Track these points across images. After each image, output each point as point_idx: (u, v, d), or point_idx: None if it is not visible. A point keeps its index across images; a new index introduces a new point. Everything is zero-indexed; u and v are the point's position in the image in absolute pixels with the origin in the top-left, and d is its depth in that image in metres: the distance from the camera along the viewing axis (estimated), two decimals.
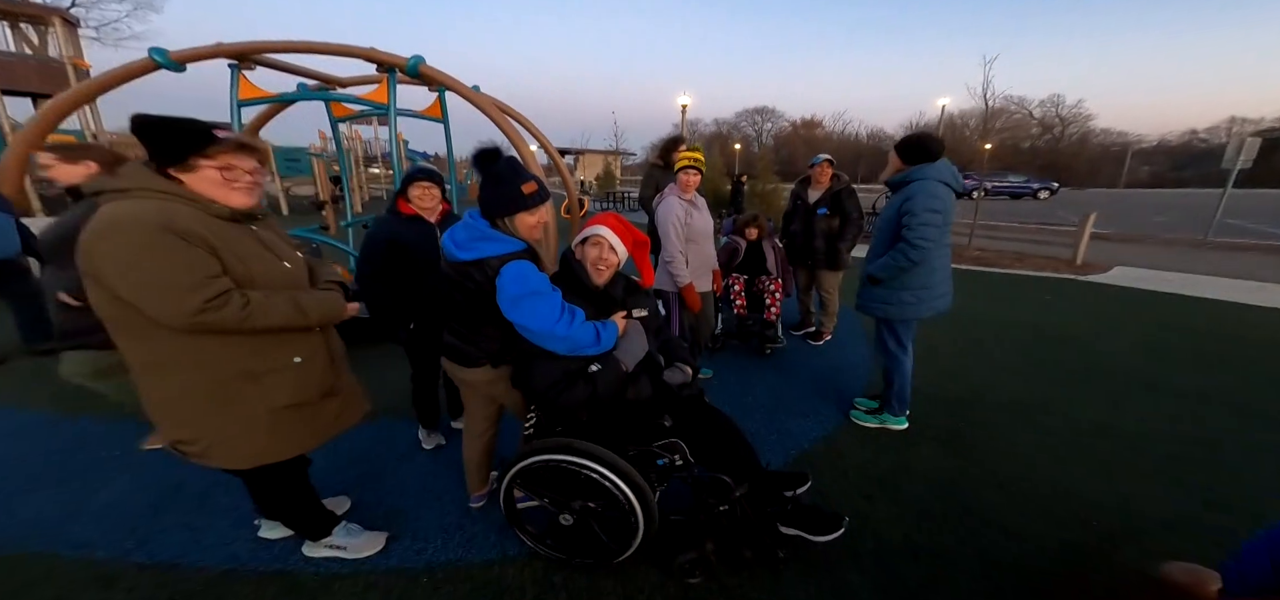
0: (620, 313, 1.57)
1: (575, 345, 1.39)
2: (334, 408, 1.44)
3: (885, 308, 2.30)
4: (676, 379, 1.65)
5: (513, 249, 1.35)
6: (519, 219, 1.37)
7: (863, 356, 3.57)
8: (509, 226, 1.38)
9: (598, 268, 1.54)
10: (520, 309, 1.34)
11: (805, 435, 2.53)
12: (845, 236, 3.46)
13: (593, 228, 1.56)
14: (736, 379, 3.17)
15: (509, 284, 1.32)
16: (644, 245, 1.67)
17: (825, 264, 3.58)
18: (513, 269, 1.33)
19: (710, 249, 2.78)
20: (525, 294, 1.33)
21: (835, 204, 3.44)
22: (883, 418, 2.55)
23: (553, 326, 1.34)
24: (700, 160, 2.59)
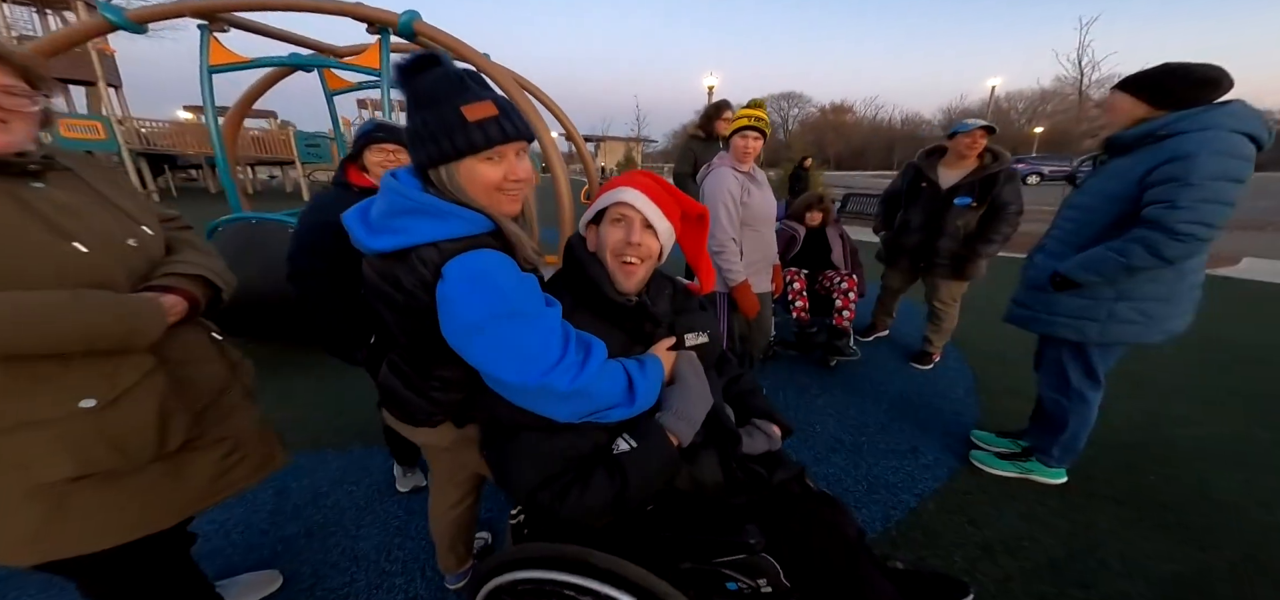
0: (666, 342, 0.96)
1: (590, 405, 0.79)
2: (205, 466, 0.91)
3: (1080, 326, 1.54)
4: (759, 446, 1.03)
5: (466, 230, 0.75)
6: (467, 170, 0.76)
7: (960, 373, 2.83)
8: (455, 187, 0.77)
9: (626, 262, 0.91)
10: (484, 343, 0.73)
11: (907, 486, 1.86)
12: (992, 237, 2.46)
13: (615, 191, 0.94)
14: (795, 401, 2.50)
15: (461, 295, 0.72)
16: (701, 220, 1.06)
17: (949, 269, 2.61)
18: (467, 266, 0.73)
19: (771, 238, 2.13)
20: (493, 315, 0.72)
21: (985, 191, 2.42)
22: (1030, 466, 1.84)
23: (547, 374, 0.74)
24: (763, 119, 1.93)
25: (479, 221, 0.76)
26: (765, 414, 1.09)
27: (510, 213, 0.81)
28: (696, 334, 1.02)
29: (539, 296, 0.78)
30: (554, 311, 0.79)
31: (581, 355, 0.77)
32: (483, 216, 0.77)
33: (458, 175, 0.76)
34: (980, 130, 2.38)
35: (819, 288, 2.94)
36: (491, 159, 0.76)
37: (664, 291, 1.02)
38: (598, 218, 0.95)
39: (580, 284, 0.93)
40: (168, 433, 0.83)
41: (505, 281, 0.74)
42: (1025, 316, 1.69)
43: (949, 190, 2.50)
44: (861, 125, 63.36)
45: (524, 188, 0.81)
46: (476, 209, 0.77)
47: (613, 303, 0.90)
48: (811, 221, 3.01)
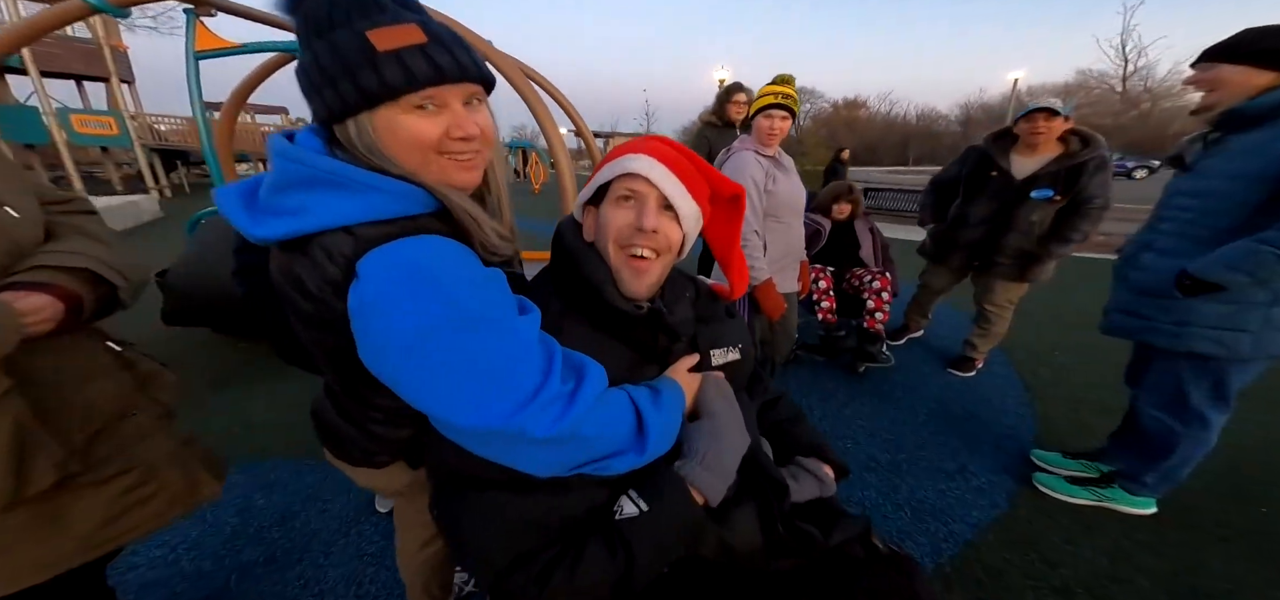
0: (687, 361, 0.73)
1: (583, 453, 0.56)
2: (96, 506, 0.72)
3: (1226, 338, 1.24)
4: (807, 493, 0.79)
5: (393, 209, 0.53)
6: (387, 124, 0.53)
7: (1007, 380, 2.56)
8: (371, 149, 0.53)
9: (635, 255, 0.67)
10: (420, 369, 0.49)
11: (959, 513, 1.61)
12: (1070, 236, 2.09)
13: (622, 158, 0.69)
14: (820, 411, 2.25)
15: (385, 300, 0.49)
16: (735, 203, 0.80)
17: (1012, 270, 2.25)
18: (395, 259, 0.50)
19: (799, 230, 1.89)
20: (433, 326, 0.48)
21: (1070, 183, 2.04)
22: (1111, 494, 1.58)
23: (519, 412, 0.50)
24: (791, 96, 1.69)
25: (413, 196, 0.53)
26: (814, 449, 0.86)
27: (462, 185, 0.58)
28: (726, 349, 0.78)
29: (507, 300, 0.55)
30: (529, 321, 0.56)
31: (570, 384, 0.54)
32: (419, 190, 0.54)
33: (373, 131, 0.52)
34: (1049, 114, 2.00)
35: (846, 287, 2.68)
36: (424, 108, 0.53)
37: (683, 294, 0.78)
38: (598, 195, 0.71)
39: (572, 284, 0.69)
40: (29, 471, 0.63)
41: (455, 278, 0.51)
42: (1140, 327, 1.39)
43: (1025, 181, 2.10)
44: (875, 121, 62.17)
45: (481, 150, 0.58)
46: (407, 179, 0.53)
47: (616, 310, 0.66)
48: (838, 214, 2.76)
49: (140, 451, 0.77)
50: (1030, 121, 2.05)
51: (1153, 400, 1.45)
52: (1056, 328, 3.37)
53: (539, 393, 0.51)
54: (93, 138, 10.43)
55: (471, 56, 0.55)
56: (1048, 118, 2.01)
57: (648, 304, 0.70)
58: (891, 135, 58.80)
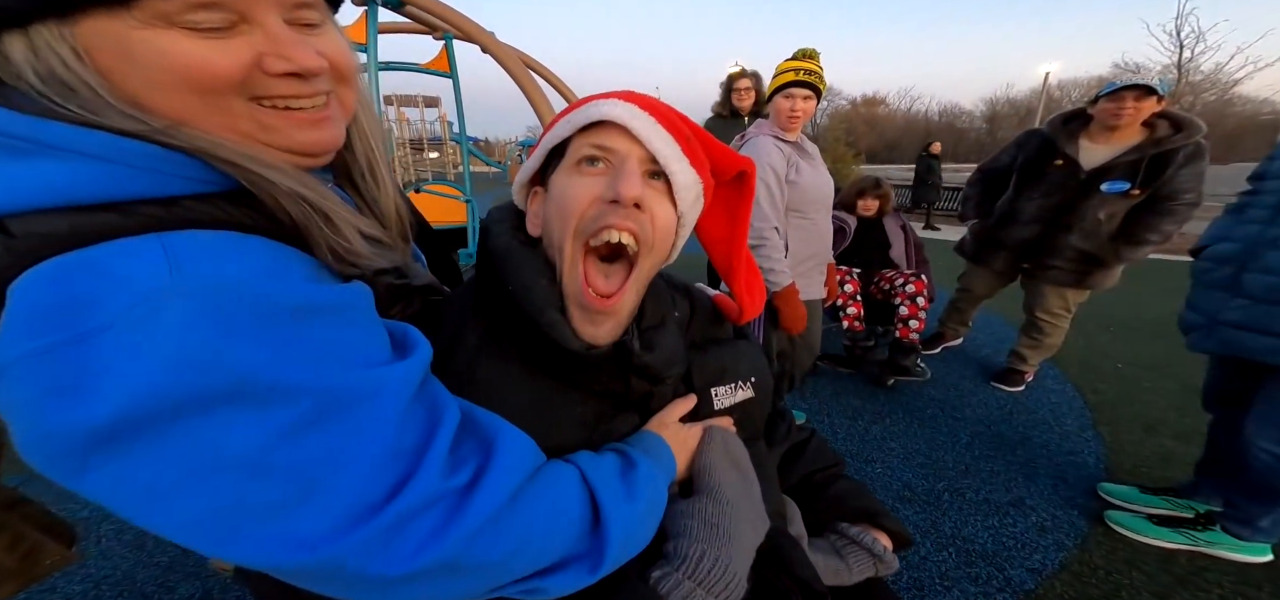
0: (680, 406, 0.53)
1: (483, 581, 0.34)
2: None
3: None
4: (858, 572, 0.59)
5: (112, 190, 0.28)
6: (107, 39, 0.28)
7: (1064, 397, 2.26)
8: (67, 89, 0.28)
9: (606, 245, 0.45)
10: (156, 472, 0.26)
11: (1016, 556, 1.37)
12: (1148, 237, 1.77)
13: (589, 105, 0.47)
14: (846, 430, 2.01)
15: (80, 355, 0.25)
16: (742, 183, 0.56)
17: (1071, 275, 1.93)
18: (105, 275, 0.26)
19: (827, 228, 1.67)
20: (178, 400, 0.25)
21: (1152, 174, 1.71)
22: (1212, 537, 1.31)
23: (342, 536, 0.28)
24: (815, 71, 1.47)
25: (166, 166, 0.30)
26: (864, 514, 0.64)
27: (306, 148, 0.37)
28: (734, 385, 0.58)
29: (363, 338, 0.34)
30: (400, 373, 0.34)
31: (464, 473, 0.34)
32: (181, 156, 0.30)
33: (81, 57, 0.29)
34: (1139, 92, 1.67)
35: (874, 290, 2.44)
36: (203, 30, 0.30)
37: (669, 314, 0.55)
38: (547, 164, 0.49)
39: (499, 308, 0.47)
40: None
41: (234, 301, 0.28)
42: (1265, 347, 1.12)
43: (1095, 172, 1.78)
44: (894, 117, 60.77)
45: (341, 97, 0.38)
46: (162, 142, 0.30)
47: (563, 352, 0.44)
48: (864, 211, 2.52)
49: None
50: (1116, 101, 1.71)
51: (1266, 433, 1.19)
52: (1111, 333, 3.05)
53: (395, 496, 0.30)
54: None
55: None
56: (1139, 97, 1.67)
57: (614, 347, 0.47)
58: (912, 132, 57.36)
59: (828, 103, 58.12)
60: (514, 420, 0.41)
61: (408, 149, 14.04)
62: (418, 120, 16.91)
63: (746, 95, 2.55)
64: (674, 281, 0.62)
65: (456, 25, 2.85)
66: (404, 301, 0.46)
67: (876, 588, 0.64)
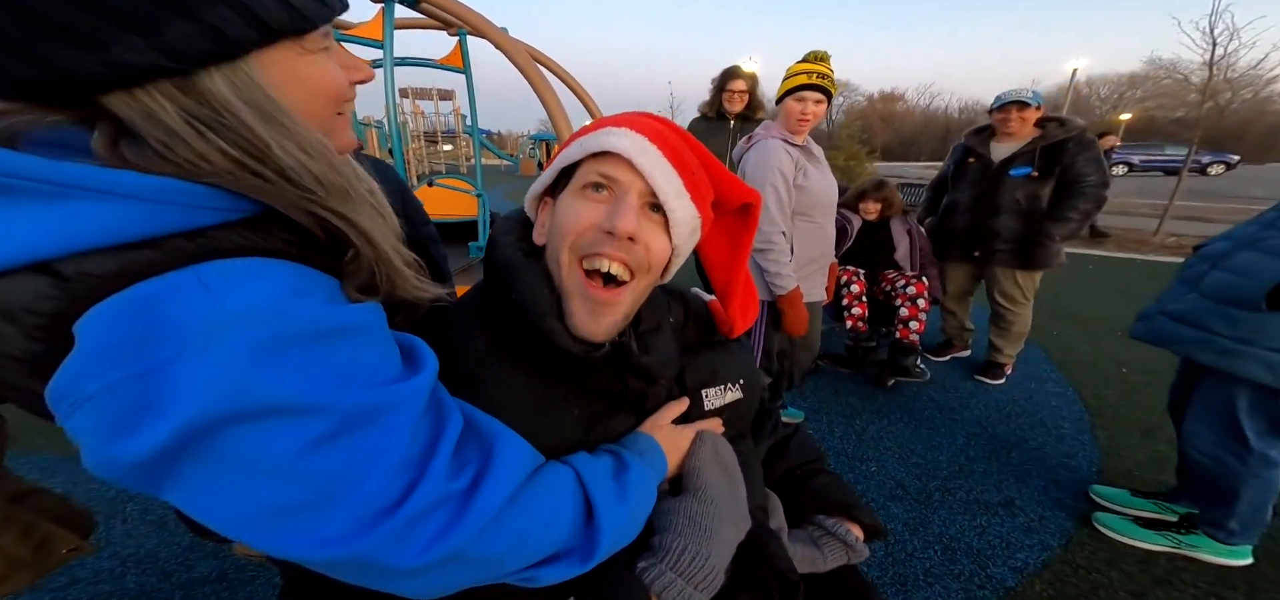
0: (673, 409, 0.58)
1: (484, 571, 0.39)
2: None
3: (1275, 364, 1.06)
4: (830, 560, 0.65)
5: (145, 227, 0.31)
6: (278, 69, 0.35)
7: (1064, 400, 2.28)
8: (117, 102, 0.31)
9: (596, 274, 0.49)
10: (211, 478, 0.31)
11: (1000, 554, 1.41)
12: (1067, 215, 2.07)
13: (599, 132, 0.50)
14: (842, 430, 2.05)
15: (143, 385, 0.29)
16: (746, 215, 0.61)
17: (1014, 256, 2.21)
18: (154, 308, 0.29)
19: (831, 231, 1.71)
20: (226, 414, 0.30)
21: (1049, 163, 2.08)
22: (1194, 540, 1.35)
23: (363, 534, 0.33)
24: (827, 75, 1.49)
25: (199, 199, 0.33)
26: (840, 507, 0.70)
27: (348, 147, 0.43)
28: (723, 386, 0.63)
29: (377, 359, 0.37)
30: (411, 389, 0.38)
31: (465, 478, 0.38)
32: (214, 192, 0.33)
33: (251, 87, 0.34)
34: (1018, 105, 2.12)
35: (877, 292, 2.46)
36: (311, 48, 0.37)
37: (664, 321, 0.60)
38: (558, 183, 0.53)
39: (504, 315, 0.51)
40: None
41: (264, 327, 0.32)
42: (1190, 339, 1.18)
43: (1003, 162, 2.19)
44: (913, 114, 59.38)
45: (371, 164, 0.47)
46: (200, 181, 0.33)
47: (563, 353, 0.49)
48: (868, 212, 2.53)
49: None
50: (1003, 113, 2.17)
51: (1202, 436, 1.25)
52: (1118, 338, 3.02)
53: (406, 499, 0.34)
54: None
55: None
56: (1020, 109, 2.12)
57: (611, 348, 0.51)
58: (930, 129, 56.06)
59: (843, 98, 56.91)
60: (518, 422, 0.45)
61: (422, 142, 14.16)
62: (432, 113, 17.03)
63: (739, 98, 2.42)
64: (670, 289, 0.66)
65: (469, 22, 2.91)
66: (408, 311, 0.49)
67: (849, 574, 0.70)
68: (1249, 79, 15.59)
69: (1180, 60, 13.72)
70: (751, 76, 2.47)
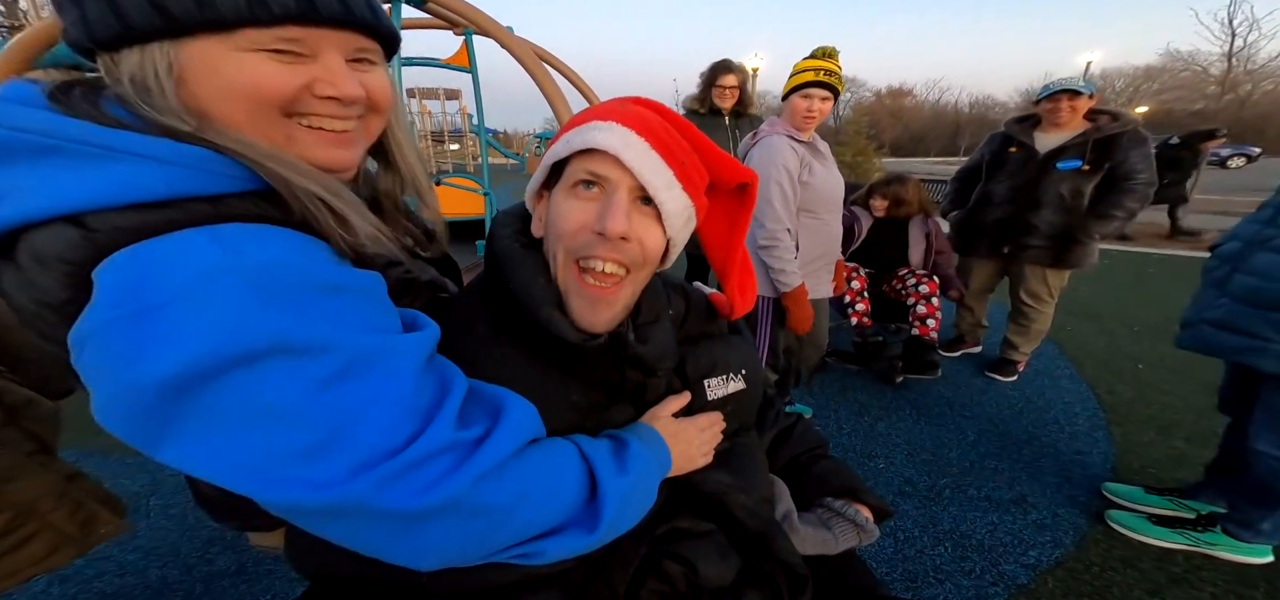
0: (675, 402, 0.58)
1: (491, 530, 0.39)
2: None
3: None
4: (842, 542, 0.65)
5: (167, 187, 0.34)
6: (203, 58, 0.36)
7: (1078, 397, 2.24)
8: (150, 92, 0.36)
9: (592, 270, 0.49)
10: (213, 427, 0.32)
11: (1012, 551, 1.40)
12: (1112, 214, 1.94)
13: (585, 127, 0.49)
14: (851, 426, 2.03)
15: (146, 326, 0.31)
16: (743, 194, 0.60)
17: (1046, 254, 2.08)
18: (170, 263, 0.32)
19: (837, 228, 1.69)
20: (230, 357, 0.31)
21: (1099, 156, 1.93)
22: (1212, 538, 1.32)
23: (358, 476, 0.34)
24: (834, 72, 1.48)
25: (214, 167, 0.36)
26: (846, 491, 0.70)
27: (327, 165, 0.43)
28: (725, 376, 0.62)
29: (376, 313, 0.40)
30: (409, 342, 0.40)
31: (475, 429, 0.39)
32: (227, 160, 0.37)
33: (174, 71, 0.36)
34: (1071, 94, 1.94)
35: (887, 288, 2.44)
36: (280, 53, 0.38)
37: (663, 313, 0.60)
38: (552, 176, 0.53)
39: (503, 303, 0.52)
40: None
41: (271, 278, 0.34)
42: (1241, 346, 1.14)
43: (1050, 153, 2.02)
44: (922, 109, 58.73)
45: (364, 121, 0.45)
46: (199, 141, 0.36)
47: (561, 342, 0.49)
48: (875, 211, 2.50)
49: (10, 491, 0.70)
50: (1053, 102, 2.00)
51: (1266, 438, 1.19)
52: (1134, 333, 2.97)
53: (412, 442, 0.35)
54: None
55: (371, 2, 0.41)
56: (1072, 98, 1.96)
57: (610, 338, 0.51)
58: (940, 124, 55.45)
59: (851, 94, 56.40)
60: None
61: (429, 141, 14.26)
62: (439, 113, 17.14)
63: (730, 94, 2.37)
64: (670, 281, 0.66)
65: (475, 22, 2.93)
66: (412, 294, 0.52)
67: (854, 569, 0.70)
68: (1270, 71, 14.91)
69: (1198, 52, 13.27)
70: (742, 71, 2.42)
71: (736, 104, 2.42)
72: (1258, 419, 1.19)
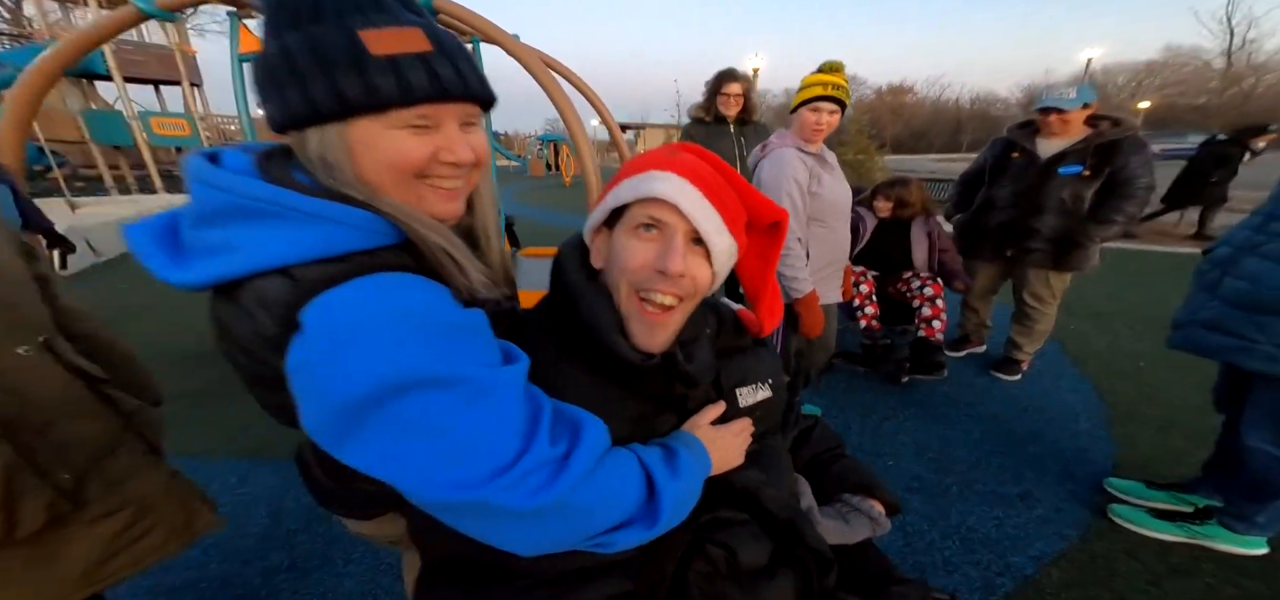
0: (712, 411, 0.64)
1: (577, 526, 0.49)
2: (90, 545, 0.73)
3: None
4: (857, 533, 0.72)
5: (346, 243, 0.44)
6: (363, 140, 0.46)
7: (1080, 394, 2.30)
8: (334, 169, 0.46)
9: (653, 302, 0.57)
10: (373, 436, 0.41)
11: (1017, 544, 1.45)
12: (1112, 218, 2.00)
13: (645, 175, 0.57)
14: (859, 426, 2.09)
15: (330, 356, 0.41)
16: (775, 232, 0.67)
17: (1048, 257, 2.14)
18: (342, 306, 0.42)
19: (845, 235, 1.75)
20: (390, 384, 0.40)
21: (1100, 161, 1.98)
22: (1208, 530, 1.38)
23: (488, 483, 0.42)
24: (842, 86, 1.53)
25: (373, 227, 0.46)
26: (862, 487, 0.77)
27: (442, 216, 0.51)
28: (754, 385, 0.69)
29: (487, 350, 0.48)
30: (513, 373, 0.48)
31: (562, 446, 0.47)
32: (380, 219, 0.46)
33: (343, 146, 0.45)
34: (1051, 111, 2.02)
35: (892, 291, 2.49)
36: (416, 127, 0.47)
37: (703, 331, 0.66)
38: (613, 217, 0.60)
39: (569, 328, 0.60)
40: (19, 513, 0.64)
41: (419, 325, 0.43)
42: (1229, 346, 1.19)
43: (1051, 159, 2.07)
44: (923, 107, 58.65)
45: (469, 178, 0.53)
46: (368, 207, 0.46)
47: (623, 362, 0.57)
48: (879, 212, 2.55)
49: (131, 489, 0.78)
50: (1042, 116, 2.08)
51: (1256, 433, 1.24)
52: (1136, 331, 3.02)
53: (520, 459, 0.43)
54: (169, 139, 11.37)
55: (476, 71, 0.49)
56: (1060, 115, 2.02)
57: (661, 358, 0.59)
58: (942, 121, 55.35)
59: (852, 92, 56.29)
60: None
61: None
62: None
63: (734, 102, 2.43)
64: (707, 302, 0.73)
65: (483, 30, 2.98)
66: (496, 321, 0.59)
67: (872, 556, 0.76)
68: (1274, 64, 14.82)
69: (1200, 48, 13.16)
70: (746, 79, 2.47)
71: (741, 111, 2.47)
72: (1248, 416, 1.25)
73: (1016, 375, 2.41)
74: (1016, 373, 2.42)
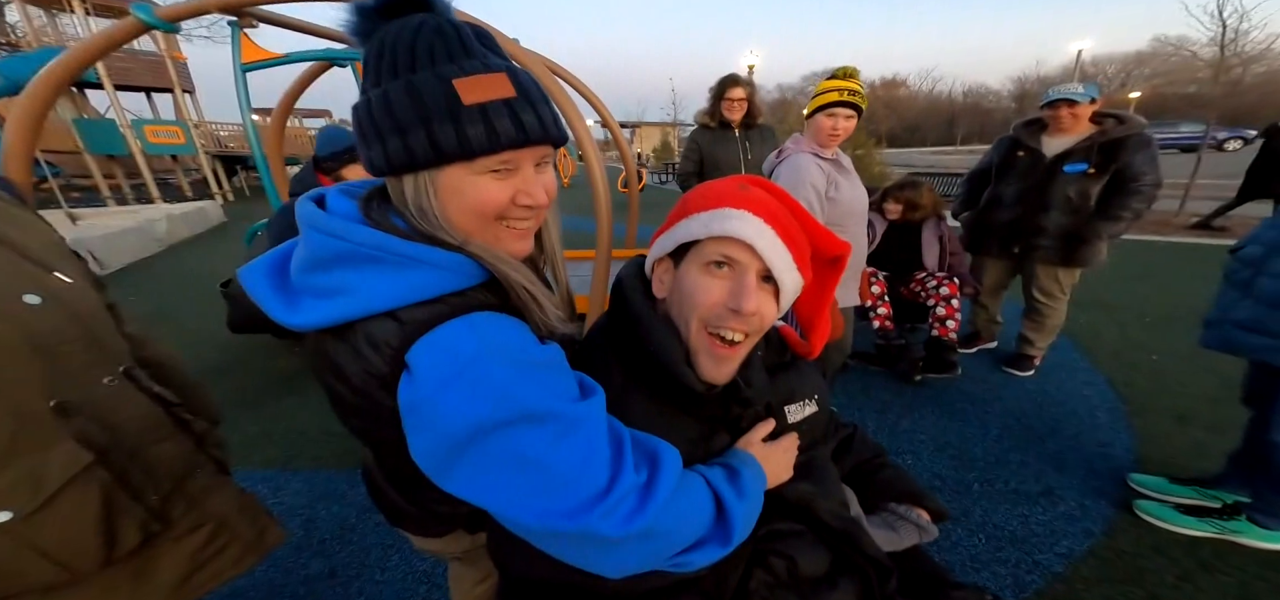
0: (763, 427, 0.64)
1: (660, 548, 0.49)
2: (178, 560, 0.77)
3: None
4: (904, 541, 0.72)
5: (442, 286, 0.46)
6: (453, 186, 0.47)
7: (1096, 388, 2.30)
8: (430, 214, 0.47)
9: (724, 340, 0.57)
10: (475, 469, 0.43)
11: (1044, 541, 1.45)
12: (1118, 214, 2.01)
13: (719, 212, 0.56)
14: (875, 424, 2.09)
15: (438, 397, 0.42)
16: (835, 265, 0.67)
17: (1056, 253, 2.15)
18: (446, 346, 0.44)
19: (862, 238, 1.74)
20: (491, 422, 0.42)
21: (1106, 159, 1.99)
22: (1237, 526, 1.37)
23: (588, 511, 0.44)
24: (858, 91, 1.52)
25: (463, 269, 0.47)
26: (908, 495, 0.77)
27: (515, 253, 0.52)
28: (802, 402, 0.70)
29: (569, 384, 0.49)
30: (594, 405, 0.49)
31: (644, 473, 0.48)
32: (469, 261, 0.48)
33: (435, 192, 0.47)
34: (1061, 103, 2.02)
35: (905, 291, 2.48)
36: (497, 172, 0.47)
37: (754, 353, 0.67)
38: (679, 249, 0.61)
39: (635, 357, 0.60)
40: (117, 533, 0.67)
41: (511, 363, 0.44)
42: (1267, 346, 1.19)
43: (1057, 157, 2.08)
44: (916, 99, 58.87)
45: (539, 217, 0.53)
46: (458, 249, 0.47)
47: (688, 390, 0.57)
48: (889, 214, 2.55)
49: (210, 506, 0.81)
50: (1052, 110, 2.07)
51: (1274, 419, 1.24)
52: (1147, 324, 3.03)
53: (611, 488, 0.45)
54: (163, 147, 11.27)
55: (552, 112, 0.50)
56: (1070, 107, 2.02)
57: (723, 386, 0.61)
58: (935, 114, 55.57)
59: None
60: None
61: None
62: None
63: (738, 106, 2.46)
64: None
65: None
66: (567, 350, 0.60)
67: (926, 562, 0.75)
68: (1263, 56, 15.00)
69: (1187, 38, 13.31)
70: (749, 83, 2.51)
71: (745, 116, 2.51)
72: (1276, 413, 1.25)
73: (1030, 371, 2.42)
74: (1030, 368, 2.42)
